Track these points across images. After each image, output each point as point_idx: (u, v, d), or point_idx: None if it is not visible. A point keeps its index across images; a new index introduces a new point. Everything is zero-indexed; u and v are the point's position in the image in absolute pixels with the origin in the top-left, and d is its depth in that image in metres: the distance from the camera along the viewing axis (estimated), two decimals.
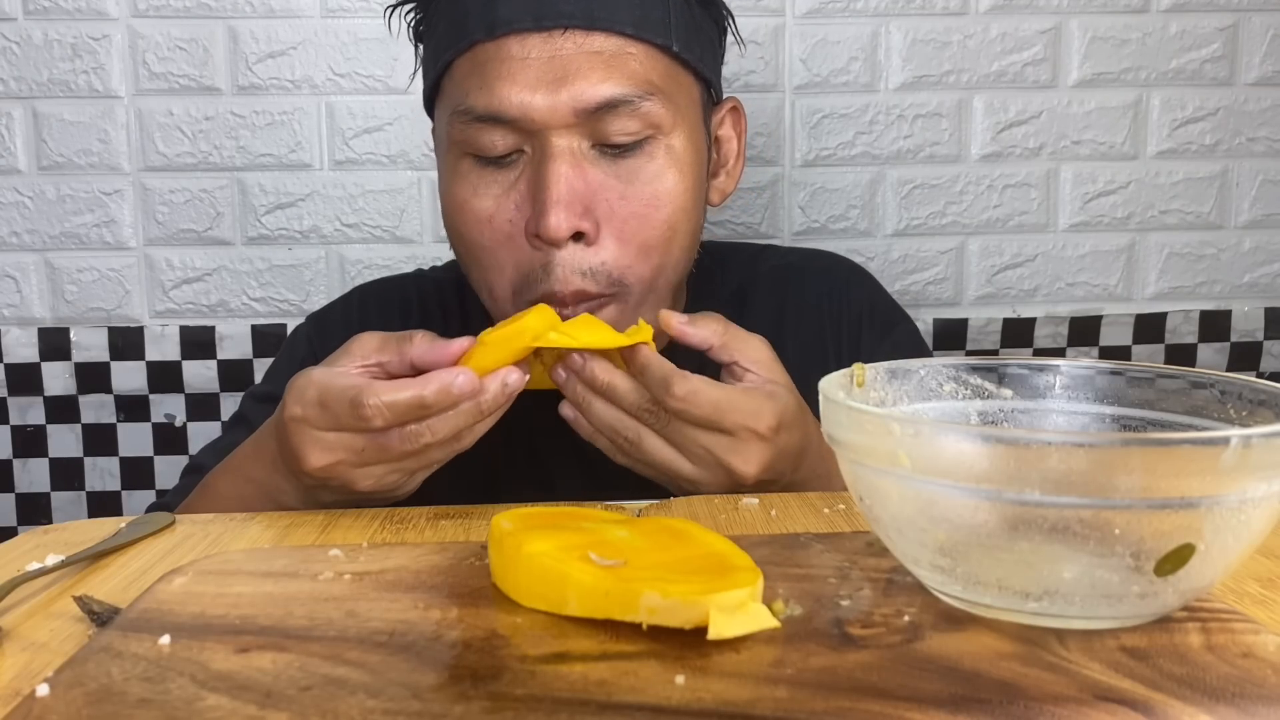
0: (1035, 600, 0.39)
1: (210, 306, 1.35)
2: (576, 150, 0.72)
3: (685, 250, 0.78)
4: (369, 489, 0.64)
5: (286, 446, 0.64)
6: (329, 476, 0.63)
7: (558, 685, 0.35)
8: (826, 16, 1.34)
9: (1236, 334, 1.43)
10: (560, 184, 0.70)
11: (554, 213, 0.70)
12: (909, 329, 0.93)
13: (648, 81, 0.73)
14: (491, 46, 0.72)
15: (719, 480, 0.66)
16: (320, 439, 0.63)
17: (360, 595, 0.44)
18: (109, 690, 0.36)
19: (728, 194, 0.85)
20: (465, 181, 0.75)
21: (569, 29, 0.71)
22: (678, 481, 0.67)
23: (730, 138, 0.85)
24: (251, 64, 1.31)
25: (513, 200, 0.73)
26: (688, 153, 0.76)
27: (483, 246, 0.75)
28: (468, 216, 0.75)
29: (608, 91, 0.71)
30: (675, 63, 0.75)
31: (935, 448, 0.38)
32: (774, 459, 0.66)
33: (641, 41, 0.73)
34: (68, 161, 1.31)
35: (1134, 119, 1.39)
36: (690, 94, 0.77)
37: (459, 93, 0.74)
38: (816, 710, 0.33)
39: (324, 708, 0.34)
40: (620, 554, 0.43)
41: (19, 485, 1.36)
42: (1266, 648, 0.38)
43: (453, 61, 0.75)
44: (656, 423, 0.65)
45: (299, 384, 0.64)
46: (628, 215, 0.73)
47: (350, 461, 0.63)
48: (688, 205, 0.76)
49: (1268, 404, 0.43)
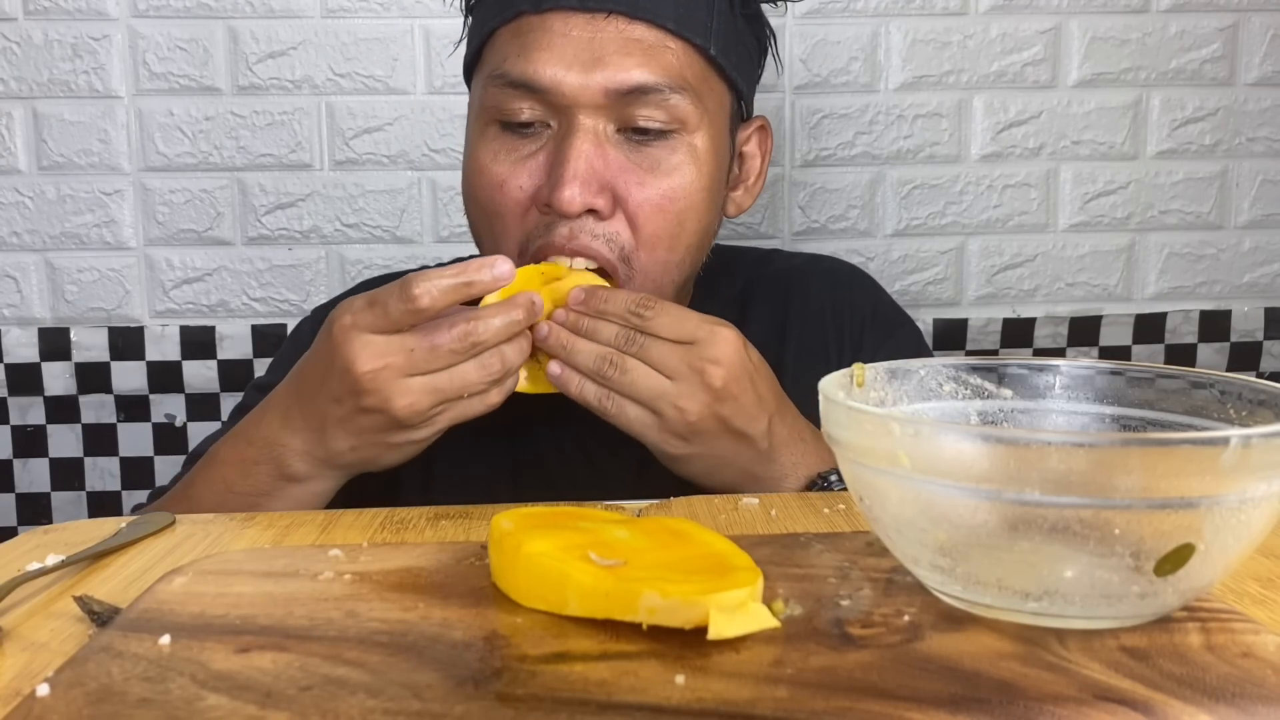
0: (1035, 600, 0.39)
1: (210, 306, 1.35)
2: (601, 132, 0.74)
3: (691, 250, 0.79)
4: (404, 409, 0.65)
5: (332, 362, 0.65)
6: (373, 386, 0.64)
7: (558, 685, 0.35)
8: (826, 16, 1.34)
9: (1236, 334, 1.43)
10: (580, 160, 0.72)
11: (569, 186, 0.71)
12: (911, 331, 0.94)
13: (680, 76, 0.74)
14: (535, 19, 0.74)
15: (695, 391, 0.68)
16: (371, 343, 0.64)
17: (360, 595, 0.44)
18: (109, 690, 0.36)
19: (743, 209, 0.86)
20: (488, 146, 0.76)
21: (613, 14, 0.73)
22: (659, 404, 0.68)
23: (754, 155, 0.86)
24: (251, 64, 1.31)
25: (528, 169, 0.75)
26: (709, 154, 0.77)
27: (494, 212, 0.76)
28: (483, 179, 0.76)
29: (640, 78, 0.72)
30: (710, 66, 0.77)
31: (935, 448, 0.38)
32: (740, 368, 0.69)
33: (680, 38, 0.74)
34: (68, 161, 1.31)
35: (1134, 119, 1.39)
36: (720, 99, 0.79)
37: (498, 58, 0.75)
38: (816, 710, 0.33)
39: (324, 708, 0.34)
40: (620, 554, 0.43)
41: (19, 485, 1.36)
42: (1266, 648, 0.38)
43: (496, 29, 0.76)
44: (632, 348, 0.68)
45: (346, 301, 0.66)
46: (642, 200, 0.74)
47: (398, 366, 0.64)
48: (700, 205, 0.77)
49: (1268, 404, 0.43)
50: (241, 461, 0.71)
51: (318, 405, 0.67)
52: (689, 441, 0.69)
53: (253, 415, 0.73)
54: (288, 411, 0.69)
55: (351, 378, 0.64)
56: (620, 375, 0.68)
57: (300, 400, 0.68)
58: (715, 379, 0.68)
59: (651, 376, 0.68)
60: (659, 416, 0.68)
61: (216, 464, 0.72)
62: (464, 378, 0.65)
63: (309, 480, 0.70)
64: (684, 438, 0.69)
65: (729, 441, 0.69)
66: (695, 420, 0.68)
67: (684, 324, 0.68)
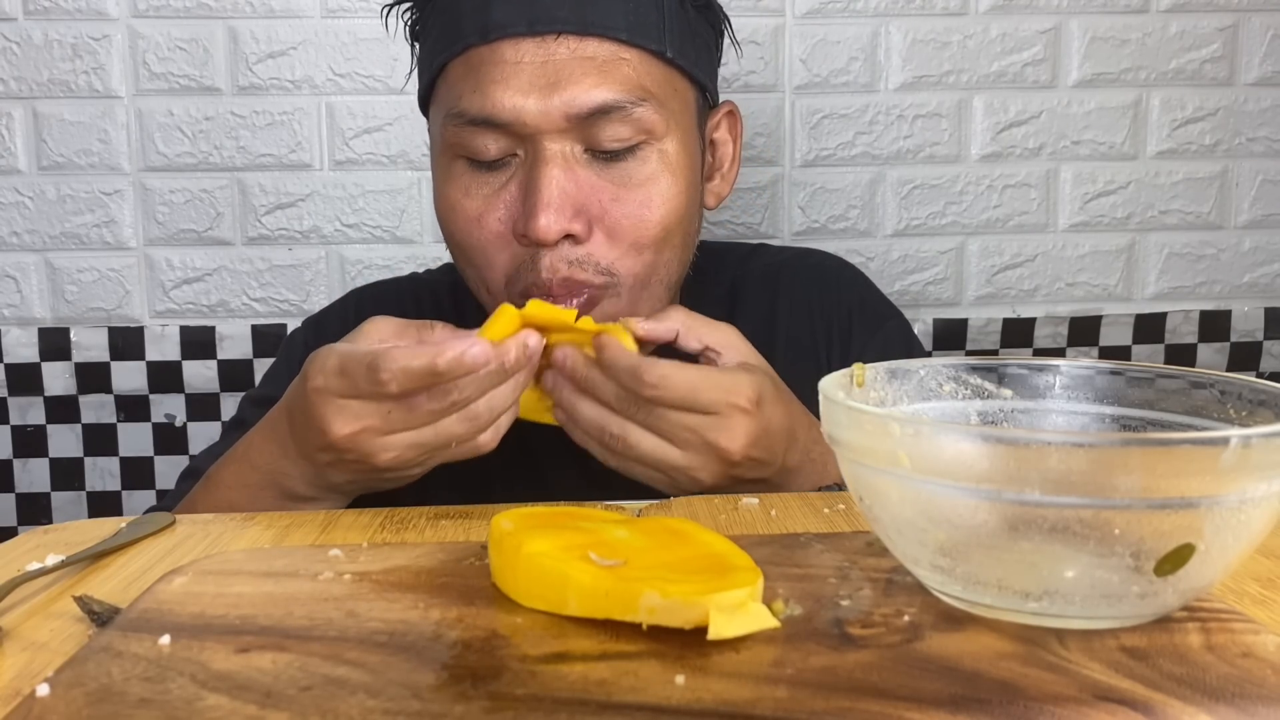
0: (1035, 600, 0.39)
1: (210, 306, 1.35)
2: (569, 154, 0.72)
3: (678, 251, 0.78)
4: (388, 464, 0.64)
5: (309, 419, 0.64)
6: (352, 447, 0.63)
7: (558, 685, 0.35)
8: (826, 16, 1.34)
9: (1236, 334, 1.43)
10: (551, 187, 0.71)
11: (544, 215, 0.70)
12: (900, 323, 0.94)
13: (640, 87, 0.73)
14: (485, 50, 0.72)
15: (709, 463, 0.66)
16: (345, 407, 0.63)
17: (360, 595, 0.44)
18: (109, 690, 0.36)
19: (723, 197, 0.85)
20: (457, 183, 0.76)
21: (562, 34, 0.71)
22: (670, 473, 0.67)
23: (726, 141, 0.85)
24: (251, 64, 1.31)
25: (503, 201, 0.74)
26: (681, 157, 0.76)
27: (474, 246, 0.76)
28: (458, 217, 0.76)
29: (600, 97, 0.71)
30: (669, 68, 0.75)
31: (935, 448, 0.38)
32: (759, 434, 0.66)
33: (635, 47, 0.73)
34: (68, 161, 1.31)
35: (1134, 119, 1.39)
36: (684, 99, 0.77)
37: (452, 96, 0.74)
38: (816, 710, 0.33)
39: (324, 708, 0.34)
40: (620, 554, 0.43)
41: (19, 485, 1.36)
42: (1266, 648, 0.38)
43: (446, 64, 0.75)
44: (639, 414, 0.65)
45: (320, 356, 0.64)
46: (620, 216, 0.73)
47: (376, 429, 0.63)
48: (681, 209, 0.76)
49: (1268, 404, 0.43)
50: (246, 486, 0.71)
51: (306, 449, 0.66)
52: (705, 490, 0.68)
53: (253, 439, 0.72)
54: (284, 443, 0.69)
55: (328, 440, 0.63)
56: (624, 448, 0.66)
57: (293, 437, 0.68)
58: (734, 453, 0.65)
59: (660, 447, 0.66)
60: (670, 479, 0.67)
61: (220, 487, 0.72)
62: (448, 431, 0.63)
63: (315, 501, 0.70)
64: (696, 492, 0.67)
65: (744, 486, 0.69)
66: (710, 485, 0.67)
67: (698, 397, 0.65)
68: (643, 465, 0.67)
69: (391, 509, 0.65)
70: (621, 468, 0.68)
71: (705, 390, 0.65)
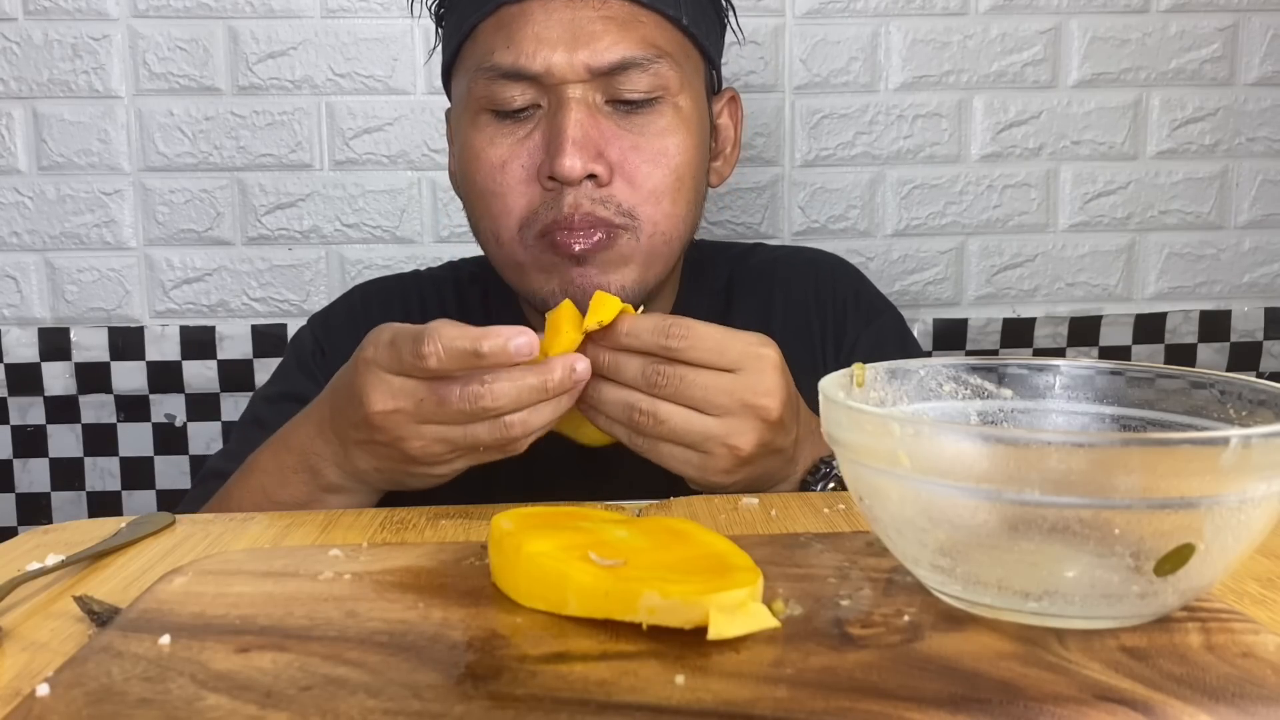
0: (1035, 600, 0.39)
1: (210, 306, 1.35)
2: (592, 101, 0.77)
3: (690, 207, 0.81)
4: (416, 453, 0.63)
5: (351, 390, 0.64)
6: (385, 426, 0.63)
7: (558, 685, 0.35)
8: (826, 16, 1.34)
9: (1236, 334, 1.43)
10: (576, 128, 0.75)
11: (569, 153, 0.74)
12: (893, 317, 0.96)
13: (657, 45, 0.78)
14: (516, 9, 0.77)
15: (748, 427, 0.64)
16: (386, 382, 0.63)
17: (360, 595, 0.44)
18: (109, 690, 0.36)
19: (725, 178, 0.89)
20: (482, 133, 0.79)
21: None
22: (705, 445, 0.64)
23: (728, 125, 0.89)
24: (251, 64, 1.31)
25: (526, 149, 0.78)
26: (694, 114, 0.80)
27: (494, 192, 0.78)
28: (482, 163, 0.79)
29: (622, 53, 0.76)
30: (683, 34, 0.81)
31: (935, 448, 0.38)
32: (789, 393, 0.66)
33: (654, 11, 0.78)
34: (68, 161, 1.31)
35: (1134, 119, 1.39)
36: (696, 66, 0.82)
37: (482, 51, 0.78)
38: (816, 710, 0.33)
39: (324, 708, 0.34)
40: (620, 554, 0.43)
41: (19, 485, 1.36)
42: (1266, 648, 0.38)
43: (477, 25, 0.79)
44: (667, 388, 0.63)
45: (379, 329, 0.65)
46: (639, 163, 0.77)
47: (408, 412, 0.62)
48: (693, 160, 0.80)
49: (1268, 404, 0.43)
50: (280, 469, 0.71)
51: (341, 426, 0.67)
52: (733, 474, 0.66)
53: (294, 421, 0.73)
54: (321, 422, 0.69)
55: (364, 413, 0.63)
56: (654, 425, 0.64)
57: (332, 414, 0.68)
58: (772, 412, 0.64)
59: (693, 420, 0.64)
60: (706, 455, 0.65)
61: (255, 471, 0.73)
62: (475, 437, 0.62)
63: (343, 492, 0.70)
64: (729, 471, 0.66)
65: (772, 460, 0.67)
66: (749, 454, 0.65)
67: (725, 350, 0.63)
68: (675, 443, 0.65)
69: (391, 509, 0.65)
70: (651, 450, 0.66)
71: (733, 343, 0.64)
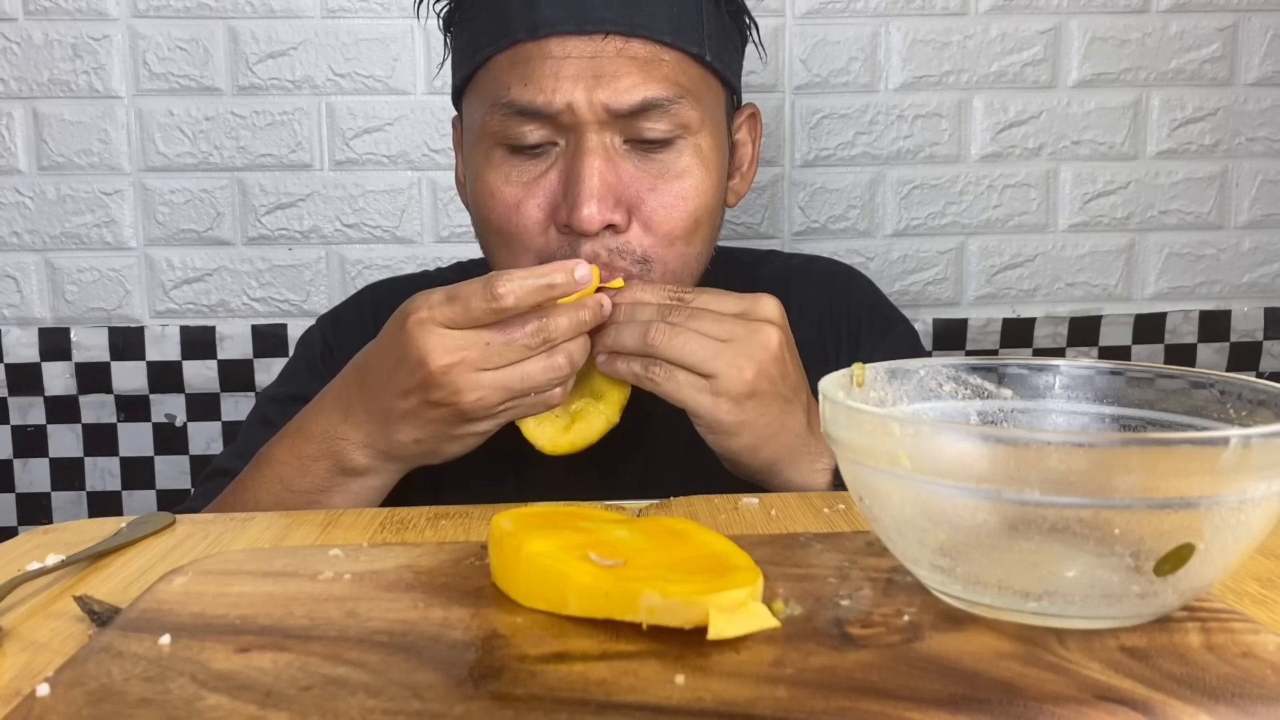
0: (1035, 600, 0.39)
1: (210, 306, 1.35)
2: (610, 146, 0.75)
3: (706, 244, 0.81)
4: (472, 405, 0.66)
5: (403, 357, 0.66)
6: (446, 382, 0.66)
7: (558, 685, 0.35)
8: (826, 16, 1.34)
9: (1236, 334, 1.43)
10: (594, 178, 0.73)
11: (587, 205, 0.73)
12: (907, 329, 0.95)
13: (679, 85, 0.76)
14: (533, 46, 0.74)
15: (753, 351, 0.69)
16: (446, 336, 0.66)
17: (360, 595, 0.44)
18: (109, 690, 0.36)
19: (741, 196, 0.88)
20: (497, 170, 0.77)
21: (610, 34, 0.74)
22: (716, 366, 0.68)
23: (746, 142, 0.88)
24: (251, 64, 1.31)
25: (542, 189, 0.76)
26: (713, 152, 0.79)
27: (511, 232, 0.77)
28: (497, 203, 0.77)
29: (642, 94, 0.74)
30: (705, 69, 0.78)
31: (935, 448, 0.38)
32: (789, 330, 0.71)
33: (676, 49, 0.76)
34: (68, 161, 1.31)
35: (1134, 119, 1.39)
36: (716, 98, 0.80)
37: (498, 86, 0.76)
38: (816, 710, 0.33)
39: (324, 708, 0.34)
40: (620, 554, 0.43)
41: (19, 485, 1.36)
42: (1266, 648, 0.38)
43: (491, 57, 0.77)
44: (678, 316, 0.69)
45: (420, 295, 0.68)
46: (656, 206, 0.76)
47: (472, 360, 0.66)
48: (711, 202, 0.79)
49: (1268, 404, 0.43)
50: (299, 459, 0.71)
51: (384, 399, 0.68)
52: (742, 406, 0.69)
53: (310, 412, 0.73)
54: (349, 405, 0.70)
55: (425, 371, 0.66)
56: (669, 340, 0.68)
57: (364, 393, 0.69)
58: (771, 338, 0.69)
59: (703, 341, 0.69)
60: (712, 379, 0.68)
61: (272, 464, 0.73)
62: (532, 377, 0.67)
63: (369, 474, 0.71)
64: (738, 401, 0.69)
65: (779, 408, 0.70)
66: (752, 378, 0.69)
67: (726, 299, 0.71)
68: (686, 371, 0.69)
69: (391, 509, 0.65)
70: (666, 380, 0.69)
71: (734, 294, 0.71)
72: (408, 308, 0.68)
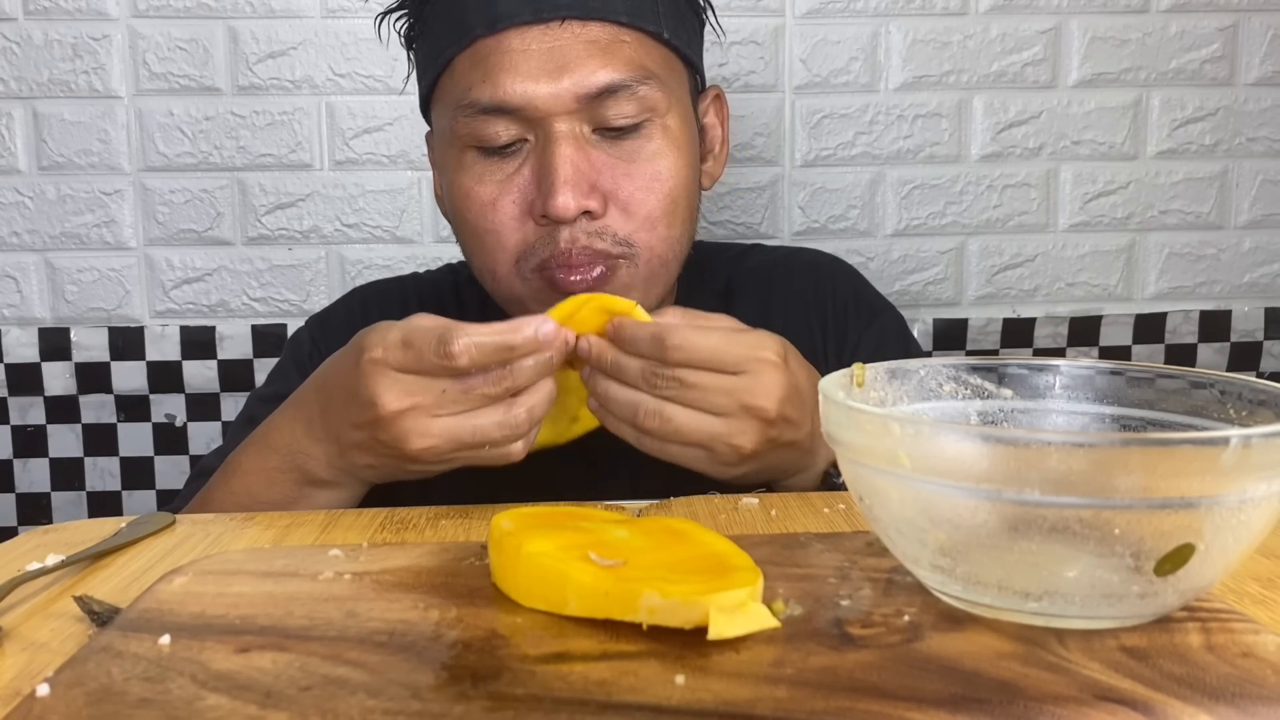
0: (1035, 600, 0.39)
1: (210, 306, 1.35)
2: (579, 134, 0.75)
3: (685, 225, 0.80)
4: (418, 452, 0.63)
5: (355, 393, 0.64)
6: (395, 425, 0.63)
7: (558, 685, 0.35)
8: (826, 16, 1.34)
9: (1236, 334, 1.43)
10: (566, 165, 0.73)
11: (562, 193, 0.72)
12: (893, 316, 0.96)
13: (642, 66, 0.76)
14: (492, 41, 0.74)
15: (747, 426, 0.65)
16: (399, 381, 0.63)
17: (360, 595, 0.44)
18: (109, 690, 0.36)
19: (716, 178, 0.88)
20: (470, 172, 0.77)
21: (566, 20, 0.74)
22: (709, 444, 0.66)
23: (715, 124, 0.88)
24: (251, 64, 1.31)
25: (516, 185, 0.76)
26: (682, 132, 0.79)
27: (487, 230, 0.77)
28: (472, 203, 0.77)
29: (606, 78, 0.74)
30: (666, 48, 0.78)
31: (935, 448, 0.38)
32: (790, 390, 0.66)
33: (634, 29, 0.76)
34: (68, 161, 1.31)
35: (1134, 119, 1.39)
36: (680, 78, 0.81)
37: (461, 87, 0.76)
38: (816, 710, 0.33)
39: (324, 708, 0.34)
40: (620, 554, 0.43)
41: (19, 485, 1.36)
42: (1266, 648, 0.38)
43: (453, 59, 0.76)
44: (669, 389, 0.65)
45: (379, 329, 0.65)
46: (633, 190, 0.76)
47: (425, 408, 0.63)
48: (686, 181, 0.79)
49: (1268, 404, 0.43)
50: (265, 470, 0.71)
51: (338, 426, 0.67)
52: (742, 465, 0.68)
53: (274, 423, 0.73)
54: (310, 421, 0.69)
55: (374, 413, 0.63)
56: (661, 425, 0.65)
57: (323, 414, 0.68)
58: (769, 412, 0.65)
59: (697, 419, 0.65)
60: (711, 452, 0.66)
61: (239, 474, 0.73)
62: (485, 431, 0.63)
63: (334, 487, 0.70)
64: (737, 465, 0.67)
65: (781, 453, 0.69)
66: (751, 451, 0.66)
67: (722, 357, 0.65)
68: (681, 444, 0.66)
69: (391, 509, 0.65)
70: (659, 450, 0.67)
71: (730, 348, 0.65)
72: (362, 342, 0.65)
